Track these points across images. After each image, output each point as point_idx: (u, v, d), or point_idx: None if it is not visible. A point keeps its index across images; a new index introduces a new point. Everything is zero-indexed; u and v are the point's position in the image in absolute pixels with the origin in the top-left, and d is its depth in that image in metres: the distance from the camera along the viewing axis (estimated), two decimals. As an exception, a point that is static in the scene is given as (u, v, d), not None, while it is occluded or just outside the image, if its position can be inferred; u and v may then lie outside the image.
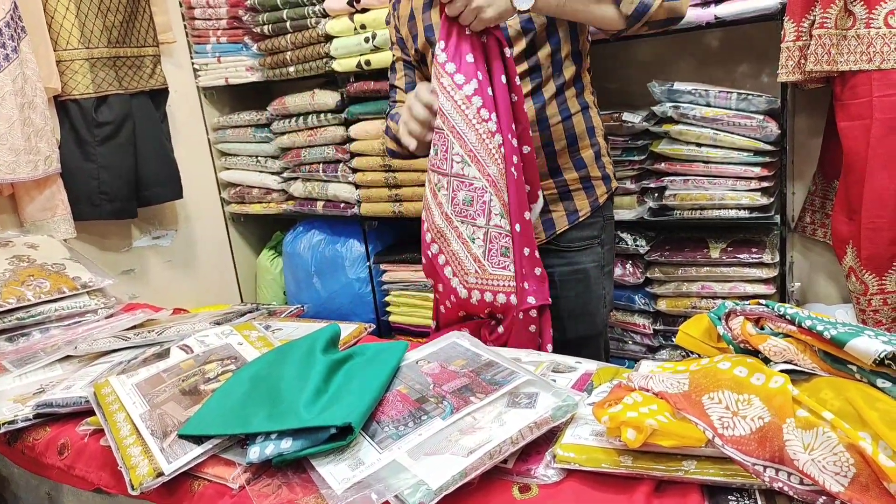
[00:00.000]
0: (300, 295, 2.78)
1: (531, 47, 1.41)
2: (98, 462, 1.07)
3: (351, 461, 0.87)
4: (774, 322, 0.90)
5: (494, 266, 1.32)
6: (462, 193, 1.32)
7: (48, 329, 1.61)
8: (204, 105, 2.84)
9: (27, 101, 2.04)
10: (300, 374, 1.02)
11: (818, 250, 2.20)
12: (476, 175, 1.30)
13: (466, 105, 1.29)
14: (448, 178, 1.32)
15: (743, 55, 2.13)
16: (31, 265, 1.72)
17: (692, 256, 2.07)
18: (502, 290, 1.33)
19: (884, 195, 1.71)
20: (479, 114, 1.28)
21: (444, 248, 1.36)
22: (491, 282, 1.33)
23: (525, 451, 0.88)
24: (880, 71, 1.66)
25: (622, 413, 0.81)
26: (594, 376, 1.06)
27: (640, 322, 2.21)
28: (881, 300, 1.81)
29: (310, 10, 2.41)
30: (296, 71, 2.53)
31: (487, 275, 1.33)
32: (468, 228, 1.32)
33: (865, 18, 1.65)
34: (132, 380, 1.16)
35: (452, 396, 0.97)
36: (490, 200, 1.30)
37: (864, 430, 0.73)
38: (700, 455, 0.79)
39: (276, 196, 2.82)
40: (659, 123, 2.02)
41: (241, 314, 1.54)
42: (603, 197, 1.54)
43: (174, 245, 2.72)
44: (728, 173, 1.95)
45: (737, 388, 0.82)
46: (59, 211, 2.20)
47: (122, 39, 2.35)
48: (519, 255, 1.34)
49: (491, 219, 1.31)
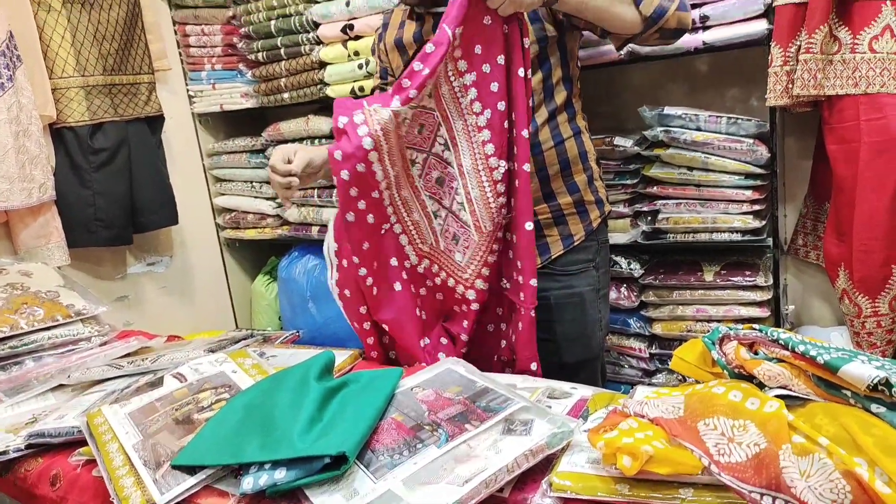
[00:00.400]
0: (295, 320, 2.77)
1: None
2: (90, 493, 1.05)
3: (346, 491, 0.87)
4: (768, 347, 0.90)
5: (446, 246, 1.41)
6: (436, 173, 1.38)
7: (41, 357, 1.60)
8: (199, 131, 2.85)
9: (22, 128, 2.05)
10: (294, 403, 1.01)
11: (811, 272, 2.21)
12: (452, 160, 1.35)
13: (462, 94, 1.31)
14: (426, 156, 1.37)
15: (732, 80, 2.16)
16: (25, 293, 1.72)
17: (686, 279, 2.07)
18: (446, 269, 1.43)
19: (874, 217, 1.72)
20: (471, 105, 1.31)
21: (401, 219, 1.41)
22: (441, 258, 1.43)
23: (521, 480, 0.88)
24: (867, 95, 1.68)
25: (618, 439, 0.81)
26: (590, 402, 1.06)
27: (635, 346, 2.21)
28: (875, 322, 1.82)
29: (304, 38, 2.44)
30: (290, 97, 2.55)
31: (439, 251, 1.42)
32: (433, 204, 1.41)
33: (850, 43, 1.68)
34: (125, 409, 1.15)
35: (447, 424, 0.96)
36: (457, 188, 1.36)
37: (859, 455, 0.73)
38: (697, 483, 0.79)
39: (271, 221, 2.83)
40: (650, 147, 2.04)
41: (235, 341, 1.54)
42: (597, 221, 1.55)
43: (169, 271, 2.71)
44: (720, 196, 1.96)
45: (732, 414, 0.82)
46: (54, 238, 2.20)
47: (117, 67, 2.37)
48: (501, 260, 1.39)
49: (453, 205, 1.38)
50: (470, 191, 1.35)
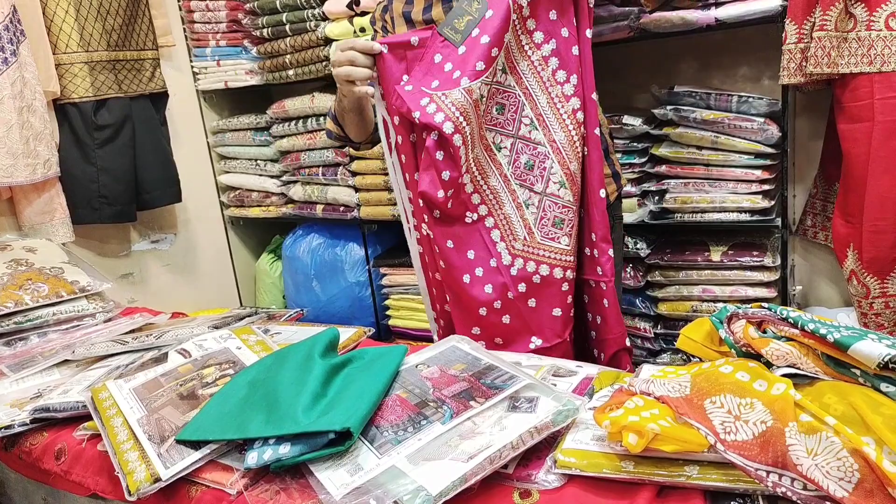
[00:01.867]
0: (299, 299, 2.77)
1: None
2: (95, 467, 1.06)
3: (350, 466, 0.86)
4: (777, 325, 0.89)
5: (544, 236, 1.30)
6: (525, 157, 1.29)
7: (46, 333, 1.60)
8: (203, 108, 2.83)
9: (26, 104, 2.04)
10: (298, 379, 1.01)
11: (819, 253, 2.20)
12: (541, 139, 1.28)
13: (542, 67, 1.25)
14: (513, 140, 1.29)
15: (744, 58, 2.13)
16: (30, 269, 1.72)
17: (693, 259, 2.06)
18: (546, 262, 1.30)
19: (886, 198, 1.70)
20: (554, 76, 1.25)
21: (493, 211, 1.31)
22: (537, 251, 1.31)
23: (525, 457, 0.87)
24: (881, 73, 1.65)
25: (623, 417, 0.81)
26: (595, 380, 1.05)
27: (641, 326, 2.20)
28: (883, 303, 1.80)
29: (309, 14, 2.41)
30: (295, 74, 2.53)
31: (535, 243, 1.31)
32: (525, 193, 1.30)
33: (866, 21, 1.65)
34: (130, 384, 1.15)
35: (452, 401, 0.96)
36: (551, 167, 1.28)
37: (867, 434, 0.72)
38: (702, 460, 0.78)
39: (275, 199, 2.82)
40: (659, 126, 2.01)
41: (239, 318, 1.54)
42: (613, 195, 1.53)
43: (173, 249, 2.71)
44: (729, 176, 1.94)
45: (739, 393, 0.81)
46: (58, 215, 2.20)
47: (121, 43, 2.35)
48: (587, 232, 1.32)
49: (549, 186, 1.29)
50: (569, 165, 1.28)
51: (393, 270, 2.59)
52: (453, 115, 1.20)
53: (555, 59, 1.25)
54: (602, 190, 1.29)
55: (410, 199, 1.36)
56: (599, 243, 1.31)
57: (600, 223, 1.30)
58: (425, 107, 1.21)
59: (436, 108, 1.20)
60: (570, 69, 1.25)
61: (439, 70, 1.24)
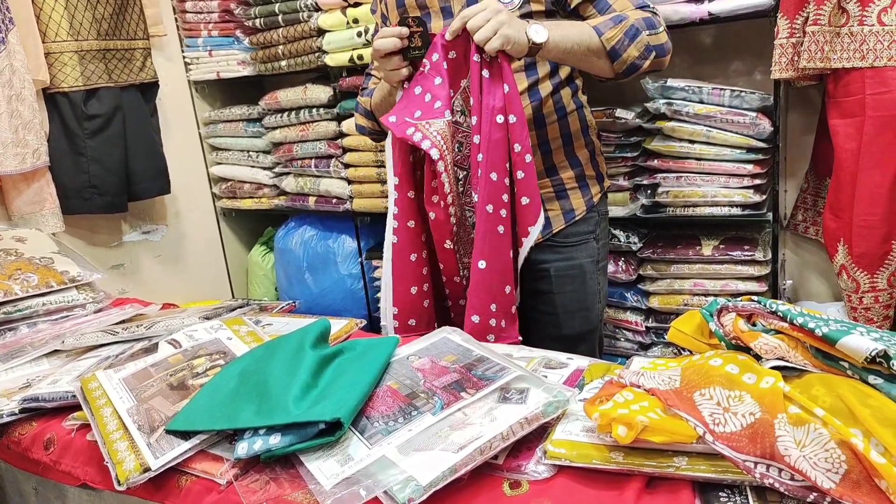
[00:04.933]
0: (292, 291, 2.77)
1: None
2: (84, 457, 1.05)
3: (340, 457, 0.87)
4: (766, 319, 0.90)
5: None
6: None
7: (36, 323, 1.59)
8: (195, 99, 2.82)
9: (15, 92, 2.02)
10: (289, 369, 1.01)
11: (810, 248, 2.21)
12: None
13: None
14: (466, 173, 1.37)
15: (736, 52, 2.13)
16: (19, 259, 1.70)
17: (684, 253, 2.07)
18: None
19: (876, 193, 1.71)
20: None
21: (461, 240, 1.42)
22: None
23: (516, 447, 0.88)
24: (873, 68, 1.66)
25: (613, 410, 0.81)
26: (586, 372, 1.06)
27: (632, 319, 2.21)
28: (872, 298, 1.81)
29: (302, 4, 2.39)
30: (288, 65, 2.51)
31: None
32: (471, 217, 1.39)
33: (859, 16, 1.65)
34: (119, 374, 1.15)
35: (443, 392, 0.96)
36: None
37: (855, 426, 0.73)
38: (691, 451, 0.79)
39: (267, 191, 2.81)
40: (652, 120, 2.02)
41: (231, 309, 1.53)
42: (597, 196, 1.55)
43: (164, 240, 2.70)
44: (721, 170, 1.95)
45: (728, 385, 0.82)
46: (48, 205, 2.18)
47: (111, 32, 2.33)
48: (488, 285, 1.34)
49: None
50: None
51: (385, 263, 2.59)
52: (438, 143, 1.26)
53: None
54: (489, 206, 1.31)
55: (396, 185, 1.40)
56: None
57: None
58: (411, 136, 1.27)
59: (422, 137, 1.26)
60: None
61: (420, 101, 1.29)
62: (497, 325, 1.34)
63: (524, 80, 1.43)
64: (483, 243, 1.31)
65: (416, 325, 1.42)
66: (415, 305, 1.41)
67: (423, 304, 1.42)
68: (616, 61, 1.32)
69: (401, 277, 1.41)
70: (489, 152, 1.26)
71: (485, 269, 1.31)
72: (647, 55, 1.33)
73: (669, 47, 1.37)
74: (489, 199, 1.28)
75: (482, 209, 1.29)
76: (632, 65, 1.33)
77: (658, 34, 1.34)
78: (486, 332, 1.34)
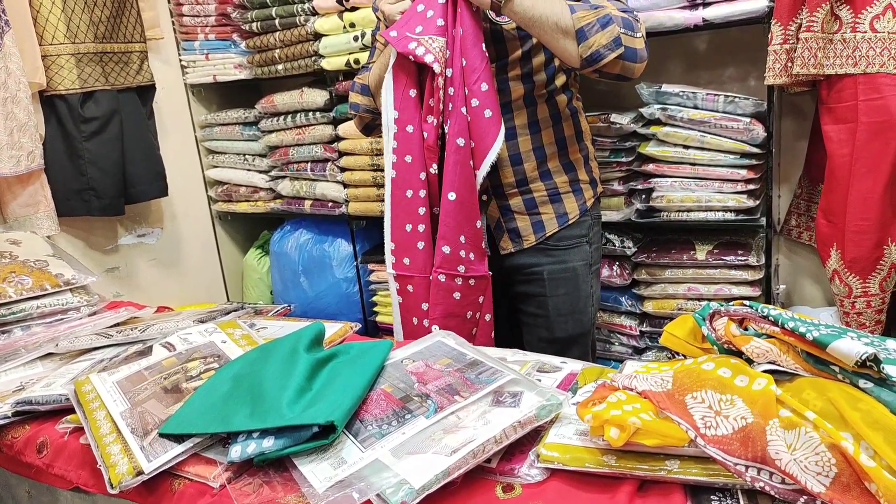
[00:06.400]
0: (287, 294, 2.76)
1: (527, 55, 1.43)
2: (77, 460, 1.05)
3: (333, 460, 0.87)
4: (758, 323, 0.90)
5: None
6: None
7: (30, 326, 1.58)
8: (191, 102, 2.82)
9: (10, 95, 2.02)
10: (283, 373, 1.01)
11: (803, 253, 2.22)
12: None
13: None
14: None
15: (730, 58, 2.14)
16: (13, 261, 1.70)
17: (679, 258, 2.07)
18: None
19: (869, 199, 1.72)
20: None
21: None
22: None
23: (509, 451, 0.88)
24: (866, 75, 1.67)
25: (605, 412, 0.81)
26: (579, 376, 1.06)
27: (626, 323, 2.21)
28: (865, 303, 1.82)
29: (299, 8, 2.40)
30: (284, 69, 2.52)
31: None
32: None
33: (851, 22, 1.66)
34: (113, 377, 1.15)
35: (436, 395, 0.96)
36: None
37: (845, 430, 0.73)
38: (683, 455, 0.79)
39: (263, 195, 2.81)
40: (647, 125, 2.02)
41: (225, 313, 1.53)
42: (591, 200, 1.56)
43: (160, 243, 2.70)
44: (715, 175, 1.96)
45: (720, 389, 0.82)
46: (42, 207, 2.18)
47: (108, 35, 2.33)
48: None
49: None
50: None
51: (381, 267, 2.59)
52: (440, 58, 1.31)
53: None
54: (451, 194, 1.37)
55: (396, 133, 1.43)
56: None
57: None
58: (414, 49, 1.32)
59: (424, 51, 1.31)
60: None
61: (422, 17, 1.34)
62: (466, 257, 1.38)
63: (521, 88, 1.44)
64: (454, 175, 1.34)
65: (411, 266, 1.45)
66: (409, 244, 1.44)
67: (416, 244, 1.43)
68: (581, 44, 1.28)
69: (397, 213, 1.44)
70: (459, 87, 1.32)
71: (455, 202, 1.35)
72: (614, 47, 1.28)
73: (643, 56, 1.34)
74: (460, 133, 1.33)
75: (453, 141, 1.32)
76: (596, 52, 1.28)
77: (634, 38, 1.31)
78: (457, 264, 1.38)
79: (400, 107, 1.39)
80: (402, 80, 1.38)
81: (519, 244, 1.52)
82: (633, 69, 1.35)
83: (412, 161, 1.39)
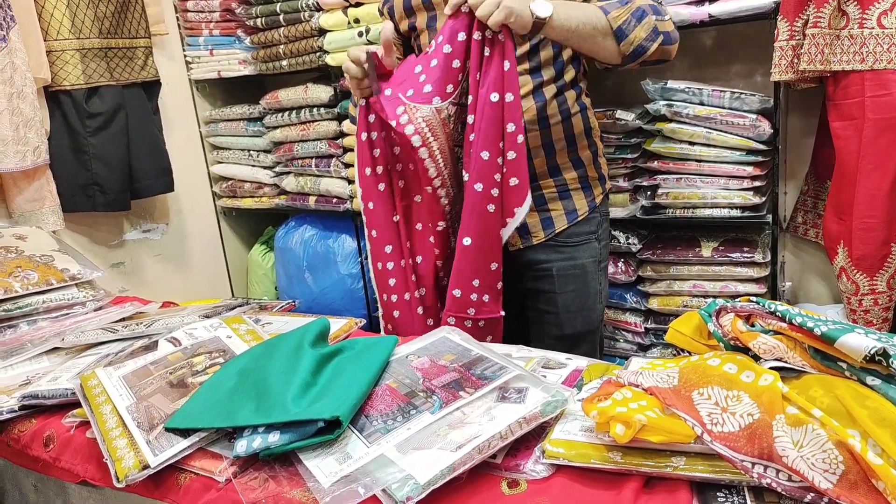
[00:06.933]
0: (292, 290, 2.77)
1: (535, 49, 1.42)
2: (84, 454, 1.06)
3: (339, 455, 0.87)
4: (765, 319, 0.90)
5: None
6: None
7: (36, 321, 1.59)
8: (196, 98, 2.82)
9: (16, 90, 2.02)
10: (288, 368, 1.01)
11: (810, 250, 2.21)
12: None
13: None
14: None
15: (736, 54, 2.13)
16: (19, 256, 1.71)
17: (684, 255, 2.07)
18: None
19: (876, 195, 1.71)
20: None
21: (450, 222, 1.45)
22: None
23: (514, 447, 0.88)
24: (873, 71, 1.66)
25: (611, 408, 0.81)
26: (584, 372, 1.06)
27: (631, 320, 2.21)
28: (872, 300, 1.81)
29: (303, 4, 2.40)
30: (289, 65, 2.52)
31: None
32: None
33: (859, 18, 1.66)
34: (119, 372, 1.15)
35: (442, 391, 0.96)
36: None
37: (853, 427, 0.73)
38: (689, 451, 0.79)
39: (268, 190, 2.81)
40: (652, 121, 2.02)
41: (230, 308, 1.53)
42: (599, 197, 1.56)
43: (165, 239, 2.70)
44: (721, 172, 1.95)
45: (726, 385, 0.82)
46: (48, 202, 2.18)
47: (113, 30, 2.33)
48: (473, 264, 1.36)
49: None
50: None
51: (385, 263, 2.59)
52: (422, 130, 1.29)
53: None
54: (467, 239, 1.33)
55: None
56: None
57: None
58: (399, 116, 1.30)
59: (407, 120, 1.30)
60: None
61: (416, 80, 1.32)
62: (479, 300, 1.36)
63: (529, 83, 1.43)
64: (470, 220, 1.32)
65: (401, 317, 1.47)
66: (384, 280, 1.47)
67: (388, 282, 1.46)
68: (623, 42, 1.30)
69: (378, 283, 1.48)
70: (482, 131, 1.27)
71: (469, 246, 1.32)
72: (654, 37, 1.31)
73: (676, 36, 1.36)
74: (479, 178, 1.29)
75: (471, 187, 1.30)
76: (639, 46, 1.30)
77: (664, 21, 1.33)
78: (467, 306, 1.36)
79: (364, 185, 1.44)
80: (366, 159, 1.41)
81: (528, 240, 1.51)
82: (671, 51, 1.37)
83: (374, 207, 1.44)
